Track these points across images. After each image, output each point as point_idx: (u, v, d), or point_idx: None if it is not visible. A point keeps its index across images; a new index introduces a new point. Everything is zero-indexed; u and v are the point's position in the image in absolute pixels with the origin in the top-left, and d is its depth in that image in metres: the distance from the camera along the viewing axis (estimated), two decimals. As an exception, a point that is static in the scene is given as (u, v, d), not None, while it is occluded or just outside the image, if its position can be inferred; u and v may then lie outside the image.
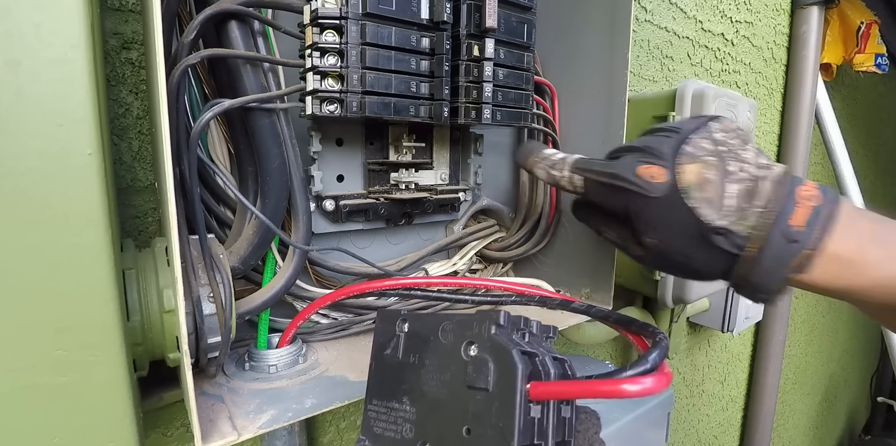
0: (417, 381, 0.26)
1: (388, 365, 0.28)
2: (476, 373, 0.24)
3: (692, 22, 0.85)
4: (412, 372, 0.26)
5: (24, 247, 0.23)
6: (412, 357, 0.27)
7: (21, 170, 0.23)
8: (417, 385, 0.26)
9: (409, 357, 0.27)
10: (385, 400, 0.27)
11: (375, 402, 0.27)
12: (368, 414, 0.27)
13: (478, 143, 0.51)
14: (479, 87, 0.40)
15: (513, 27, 0.42)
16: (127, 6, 0.39)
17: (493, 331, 0.24)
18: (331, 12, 0.35)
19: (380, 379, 0.28)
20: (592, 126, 0.51)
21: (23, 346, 0.24)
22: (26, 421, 0.25)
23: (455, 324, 0.26)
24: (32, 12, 0.22)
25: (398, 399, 0.26)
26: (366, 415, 0.27)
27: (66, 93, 0.23)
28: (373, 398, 0.28)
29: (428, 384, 0.26)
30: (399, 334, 0.28)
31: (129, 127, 0.40)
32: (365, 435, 0.27)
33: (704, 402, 1.16)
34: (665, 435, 0.73)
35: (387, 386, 0.27)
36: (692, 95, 0.61)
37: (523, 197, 0.56)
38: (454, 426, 0.24)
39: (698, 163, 0.33)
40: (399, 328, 0.28)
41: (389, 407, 0.27)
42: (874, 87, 1.62)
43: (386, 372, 0.28)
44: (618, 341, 0.89)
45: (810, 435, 1.82)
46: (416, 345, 0.27)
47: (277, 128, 0.37)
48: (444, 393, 0.25)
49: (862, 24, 1.15)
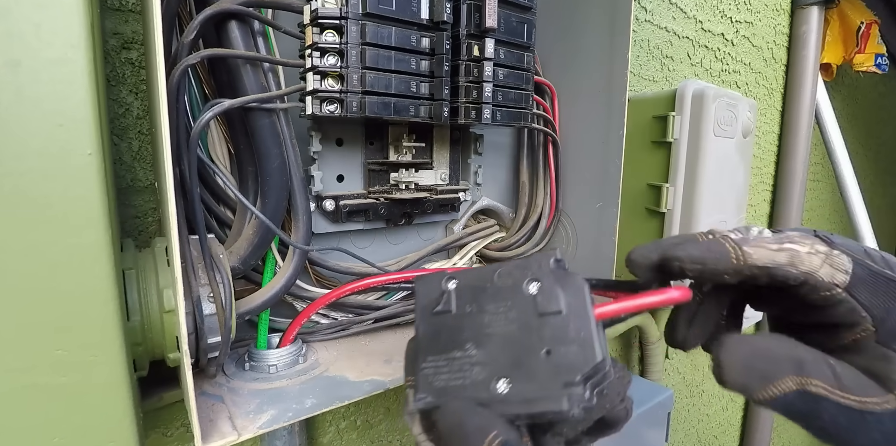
0: (480, 326, 0.26)
1: (440, 321, 0.27)
2: (546, 301, 0.25)
3: (692, 22, 0.85)
4: (471, 319, 0.26)
5: (25, 247, 0.23)
6: (469, 307, 0.27)
7: (21, 170, 0.23)
8: (481, 329, 0.26)
9: (464, 307, 0.27)
10: (443, 353, 0.26)
11: (431, 359, 0.26)
12: (424, 372, 0.26)
13: (478, 143, 0.51)
14: (479, 87, 0.40)
15: (513, 27, 0.42)
16: (127, 6, 0.39)
17: (552, 265, 0.26)
18: (331, 12, 0.35)
19: (433, 335, 0.27)
20: (592, 126, 0.51)
21: (23, 346, 0.24)
22: (26, 421, 0.25)
23: (513, 267, 0.27)
24: (32, 12, 0.22)
25: (460, 347, 0.26)
26: (421, 375, 0.26)
27: (66, 93, 0.23)
28: (427, 355, 0.27)
29: (493, 325, 0.26)
30: (447, 290, 0.28)
31: (129, 127, 0.40)
32: (424, 392, 0.26)
33: (704, 402, 1.16)
34: (665, 435, 0.73)
35: (444, 340, 0.27)
36: (692, 95, 0.61)
37: (523, 197, 0.56)
38: (531, 352, 0.24)
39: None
40: (445, 286, 0.28)
41: (450, 358, 0.26)
42: (874, 87, 1.62)
43: (440, 327, 0.27)
44: (618, 341, 0.89)
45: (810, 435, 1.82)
46: (470, 296, 0.27)
47: (277, 128, 0.37)
48: (514, 328, 0.25)
49: (862, 24, 1.15)
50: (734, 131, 0.65)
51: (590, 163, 0.52)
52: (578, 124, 0.52)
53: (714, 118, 0.61)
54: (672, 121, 0.61)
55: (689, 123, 0.61)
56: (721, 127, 0.62)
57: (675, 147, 0.62)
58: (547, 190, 0.54)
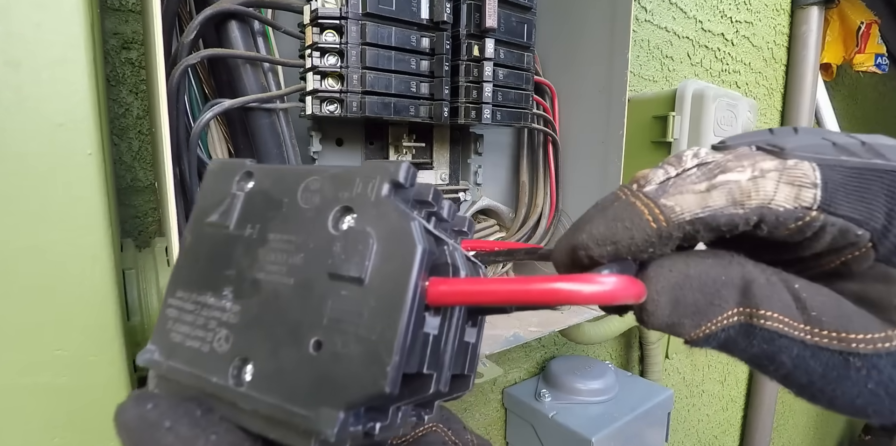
0: (250, 265, 0.17)
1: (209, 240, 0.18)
2: (346, 254, 0.15)
3: (692, 22, 0.85)
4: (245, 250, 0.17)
5: (25, 247, 0.23)
6: (249, 228, 0.17)
7: (21, 171, 0.23)
8: (249, 271, 0.17)
9: (244, 228, 0.17)
10: (196, 291, 0.18)
11: (181, 295, 0.18)
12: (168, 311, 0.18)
13: (478, 143, 0.51)
14: (479, 87, 0.40)
15: (513, 27, 0.42)
16: (127, 6, 0.39)
17: (384, 191, 0.15)
18: (331, 12, 0.35)
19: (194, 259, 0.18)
20: (592, 126, 0.51)
21: (23, 346, 0.24)
22: (26, 421, 0.25)
23: (327, 179, 0.16)
24: (32, 12, 0.22)
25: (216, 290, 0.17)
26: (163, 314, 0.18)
27: (66, 93, 0.23)
28: (177, 288, 0.18)
29: (266, 270, 0.16)
30: (236, 194, 0.18)
31: (129, 127, 0.40)
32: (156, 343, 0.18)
33: (704, 402, 1.16)
34: (665, 435, 0.73)
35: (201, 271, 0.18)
36: (692, 95, 0.61)
37: (523, 197, 0.56)
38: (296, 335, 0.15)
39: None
40: (238, 186, 0.18)
41: (200, 302, 0.17)
42: (874, 87, 1.62)
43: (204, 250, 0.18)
44: (618, 340, 0.89)
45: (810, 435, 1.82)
46: (258, 211, 0.17)
47: (277, 128, 0.37)
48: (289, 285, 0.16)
49: (862, 24, 1.15)
50: (734, 131, 0.65)
51: (590, 163, 0.52)
52: (578, 124, 0.52)
53: (714, 118, 0.61)
54: (672, 121, 0.61)
55: (689, 123, 0.61)
56: (721, 127, 0.62)
57: (676, 147, 0.62)
58: (547, 190, 0.54)
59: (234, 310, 0.17)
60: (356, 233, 0.15)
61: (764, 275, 0.16)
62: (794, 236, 0.16)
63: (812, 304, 0.15)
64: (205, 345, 0.17)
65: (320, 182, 0.16)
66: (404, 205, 0.15)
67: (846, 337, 0.15)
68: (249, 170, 0.18)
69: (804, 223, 0.15)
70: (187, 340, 0.17)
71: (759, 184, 0.16)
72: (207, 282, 0.18)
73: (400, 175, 0.15)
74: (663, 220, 0.16)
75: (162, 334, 0.18)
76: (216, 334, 0.17)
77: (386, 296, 0.14)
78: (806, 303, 0.15)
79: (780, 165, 0.16)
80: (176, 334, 0.17)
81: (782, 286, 0.16)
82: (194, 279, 0.18)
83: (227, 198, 0.18)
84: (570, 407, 0.66)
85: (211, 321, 0.17)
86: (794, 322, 0.15)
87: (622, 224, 0.16)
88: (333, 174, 0.16)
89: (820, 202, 0.15)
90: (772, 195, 0.15)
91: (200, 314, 0.17)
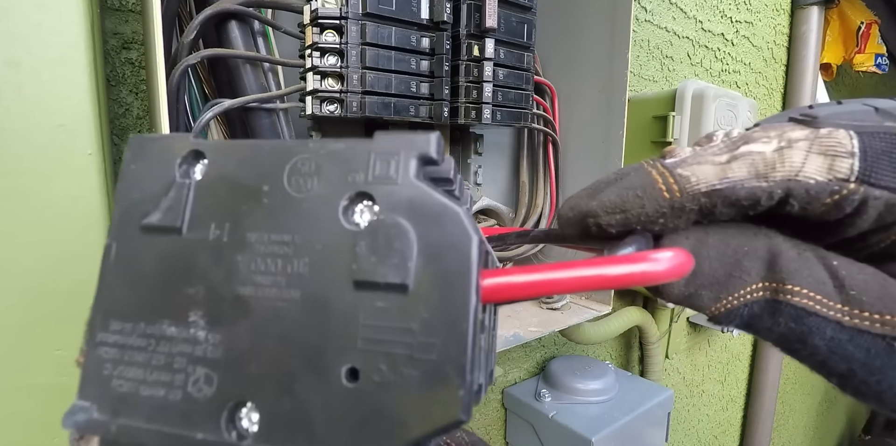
0: (227, 279, 0.13)
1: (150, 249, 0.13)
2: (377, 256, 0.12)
3: (692, 22, 0.85)
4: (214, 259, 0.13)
5: (25, 247, 0.23)
6: (214, 229, 0.13)
7: (21, 170, 0.23)
8: (227, 286, 0.13)
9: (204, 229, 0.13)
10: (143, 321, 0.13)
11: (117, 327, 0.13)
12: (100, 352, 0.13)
13: (478, 143, 0.51)
14: (479, 87, 0.40)
15: (513, 27, 0.42)
16: (127, 6, 0.39)
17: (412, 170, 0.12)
18: (331, 12, 0.35)
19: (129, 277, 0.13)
20: (592, 126, 0.51)
21: (23, 346, 0.24)
22: (26, 420, 0.25)
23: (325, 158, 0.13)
24: (32, 12, 0.22)
25: (177, 317, 0.13)
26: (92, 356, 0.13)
27: (66, 93, 0.23)
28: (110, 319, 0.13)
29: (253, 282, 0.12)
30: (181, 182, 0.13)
31: (129, 127, 0.40)
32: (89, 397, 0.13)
33: (704, 402, 1.16)
34: (665, 435, 0.73)
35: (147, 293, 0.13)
36: (692, 95, 0.61)
37: (523, 197, 0.56)
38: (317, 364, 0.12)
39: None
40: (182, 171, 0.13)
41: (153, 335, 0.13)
42: (874, 87, 1.62)
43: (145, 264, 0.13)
44: (618, 340, 0.89)
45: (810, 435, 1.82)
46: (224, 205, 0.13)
47: (277, 128, 0.37)
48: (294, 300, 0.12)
49: (862, 24, 1.15)
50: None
51: (590, 163, 0.52)
52: (578, 124, 0.52)
53: (714, 118, 0.61)
54: (672, 121, 0.61)
55: (689, 123, 0.61)
56: (721, 127, 0.62)
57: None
58: (547, 190, 0.54)
59: (212, 342, 0.13)
60: (387, 227, 0.12)
61: (796, 250, 0.14)
62: (832, 213, 0.14)
63: (852, 283, 0.14)
64: (173, 392, 0.12)
65: (314, 162, 0.13)
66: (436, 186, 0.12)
67: (891, 321, 0.13)
68: (197, 149, 0.13)
69: (841, 197, 0.14)
70: (142, 388, 0.13)
71: (786, 154, 0.14)
72: (160, 308, 0.13)
73: (431, 148, 0.12)
74: (677, 191, 0.14)
75: (96, 384, 0.13)
76: (189, 375, 0.12)
77: (440, 303, 0.11)
78: (845, 281, 0.14)
79: (810, 135, 0.14)
80: (121, 381, 0.13)
81: (817, 262, 0.14)
82: (137, 305, 0.13)
83: (168, 189, 0.13)
84: (570, 407, 0.66)
85: (177, 358, 0.13)
86: (828, 300, 0.14)
87: (633, 192, 0.15)
88: (333, 151, 0.13)
89: (858, 173, 0.13)
90: (799, 166, 0.14)
91: (157, 351, 0.13)
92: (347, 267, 0.12)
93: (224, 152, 0.13)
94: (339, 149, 0.13)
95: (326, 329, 0.12)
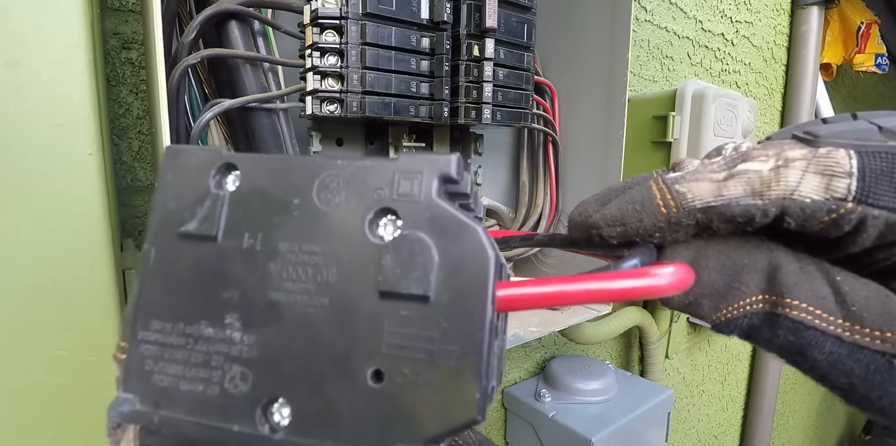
0: (260, 285, 0.14)
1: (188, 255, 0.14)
2: (402, 268, 0.13)
3: (692, 22, 0.85)
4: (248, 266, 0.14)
5: (25, 247, 0.23)
6: (248, 238, 0.14)
7: (21, 170, 0.23)
8: (260, 292, 0.14)
9: (239, 238, 0.14)
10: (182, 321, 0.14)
11: (158, 327, 0.14)
12: (142, 349, 0.14)
13: (478, 143, 0.51)
14: (479, 87, 0.40)
15: (513, 27, 0.42)
16: (127, 6, 0.39)
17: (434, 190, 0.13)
18: (331, 12, 0.35)
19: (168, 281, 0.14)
20: (592, 126, 0.51)
21: (23, 346, 0.24)
22: (26, 420, 0.25)
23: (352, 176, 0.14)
24: (32, 12, 0.22)
25: (214, 319, 0.14)
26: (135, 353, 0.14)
27: (66, 93, 0.23)
28: (151, 319, 0.14)
29: (284, 289, 0.14)
30: (216, 193, 0.14)
31: (129, 127, 0.40)
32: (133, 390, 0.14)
33: (704, 402, 1.16)
34: (665, 435, 0.73)
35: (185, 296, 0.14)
36: (692, 95, 0.61)
37: (523, 197, 0.56)
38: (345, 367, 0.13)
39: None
40: (217, 182, 0.14)
41: (192, 334, 0.14)
42: (874, 87, 1.62)
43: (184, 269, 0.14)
44: (618, 340, 0.89)
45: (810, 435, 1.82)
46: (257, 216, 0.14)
47: (277, 128, 0.37)
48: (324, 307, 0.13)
49: (862, 24, 1.15)
50: (734, 131, 0.65)
51: (590, 163, 0.52)
52: (578, 124, 0.52)
53: (714, 118, 0.61)
54: (672, 121, 0.61)
55: (689, 123, 0.61)
56: (721, 127, 0.62)
57: (675, 147, 0.62)
58: (547, 190, 0.54)
59: (247, 343, 0.14)
60: (411, 242, 0.13)
61: (798, 264, 0.15)
62: (831, 230, 0.14)
63: (854, 299, 0.14)
64: (211, 387, 0.14)
65: (341, 178, 0.14)
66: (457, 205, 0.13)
67: (891, 338, 0.13)
68: (229, 162, 0.14)
69: (838, 216, 0.14)
70: (182, 383, 0.14)
71: (782, 173, 0.14)
72: (198, 310, 0.14)
73: (452, 169, 0.13)
74: (673, 207, 0.15)
75: (139, 378, 0.14)
76: (226, 373, 0.14)
77: (459, 314, 0.12)
78: (847, 296, 0.14)
79: (808, 154, 0.14)
80: (162, 377, 0.14)
81: (820, 276, 0.15)
82: (176, 306, 0.14)
83: (204, 199, 0.14)
84: (570, 407, 0.66)
85: (215, 357, 0.14)
86: (828, 315, 0.14)
87: (633, 207, 0.16)
88: (359, 168, 0.14)
89: (856, 193, 0.14)
90: (794, 186, 0.14)
91: (196, 349, 0.14)
92: (373, 277, 0.13)
93: (255, 165, 0.14)
94: (364, 167, 0.14)
95: (353, 333, 0.13)
